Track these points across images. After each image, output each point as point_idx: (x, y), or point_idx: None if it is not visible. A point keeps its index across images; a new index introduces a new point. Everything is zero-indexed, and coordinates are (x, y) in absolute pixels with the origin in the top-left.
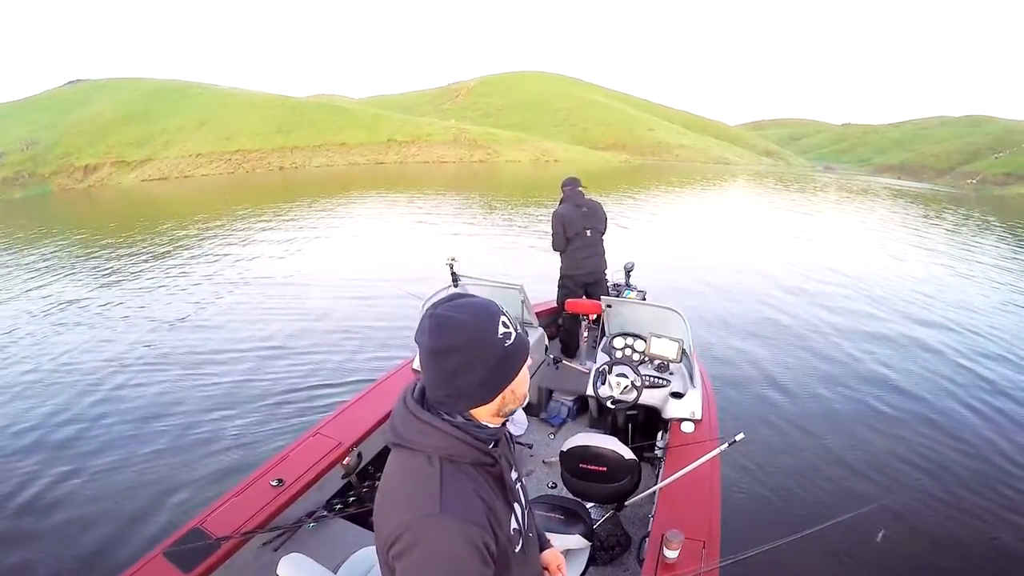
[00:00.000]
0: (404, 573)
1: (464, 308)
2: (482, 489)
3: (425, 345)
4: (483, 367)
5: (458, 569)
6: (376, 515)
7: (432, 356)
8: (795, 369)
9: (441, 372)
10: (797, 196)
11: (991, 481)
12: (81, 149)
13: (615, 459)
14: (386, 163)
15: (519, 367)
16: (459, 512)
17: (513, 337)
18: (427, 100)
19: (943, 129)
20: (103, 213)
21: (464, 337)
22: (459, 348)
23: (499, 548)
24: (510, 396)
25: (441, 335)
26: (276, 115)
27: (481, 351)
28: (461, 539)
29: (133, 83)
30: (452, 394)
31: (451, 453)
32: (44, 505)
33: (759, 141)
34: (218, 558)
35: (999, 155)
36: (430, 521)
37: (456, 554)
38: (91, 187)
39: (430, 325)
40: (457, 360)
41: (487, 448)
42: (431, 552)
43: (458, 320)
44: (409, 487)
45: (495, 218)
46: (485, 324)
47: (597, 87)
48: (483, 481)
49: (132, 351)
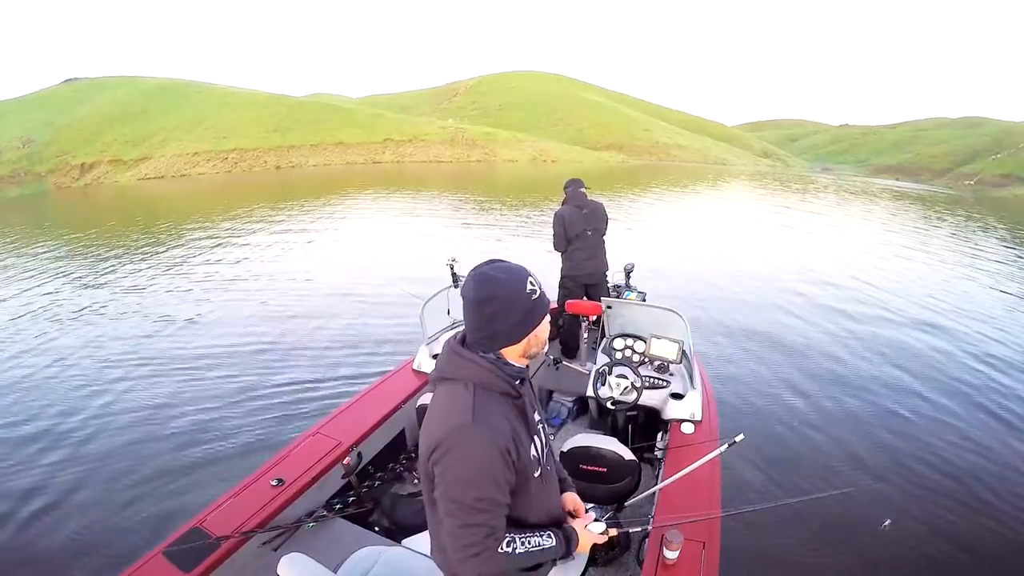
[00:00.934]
0: (442, 475)
1: (501, 268)
2: (508, 414)
3: (470, 296)
4: (514, 314)
5: (486, 468)
6: (420, 436)
7: (476, 304)
8: (796, 369)
9: (482, 317)
10: (797, 197)
11: (1001, 481)
12: (78, 147)
13: (615, 460)
14: (383, 162)
15: (542, 317)
16: (487, 423)
17: (538, 293)
18: (425, 99)
19: (941, 130)
20: (101, 212)
21: (501, 290)
22: (497, 298)
23: (520, 463)
24: (534, 340)
25: (483, 287)
26: (273, 114)
27: (514, 301)
28: (488, 443)
29: (130, 81)
30: (490, 335)
31: (484, 381)
32: (44, 505)
33: (756, 142)
34: (218, 558)
35: (997, 156)
36: (464, 429)
37: (484, 455)
38: (87, 185)
39: (475, 280)
40: (495, 307)
41: (513, 383)
42: (464, 454)
43: (497, 277)
44: (448, 406)
45: (492, 218)
46: (517, 281)
47: (595, 87)
48: (510, 410)
49: (131, 351)
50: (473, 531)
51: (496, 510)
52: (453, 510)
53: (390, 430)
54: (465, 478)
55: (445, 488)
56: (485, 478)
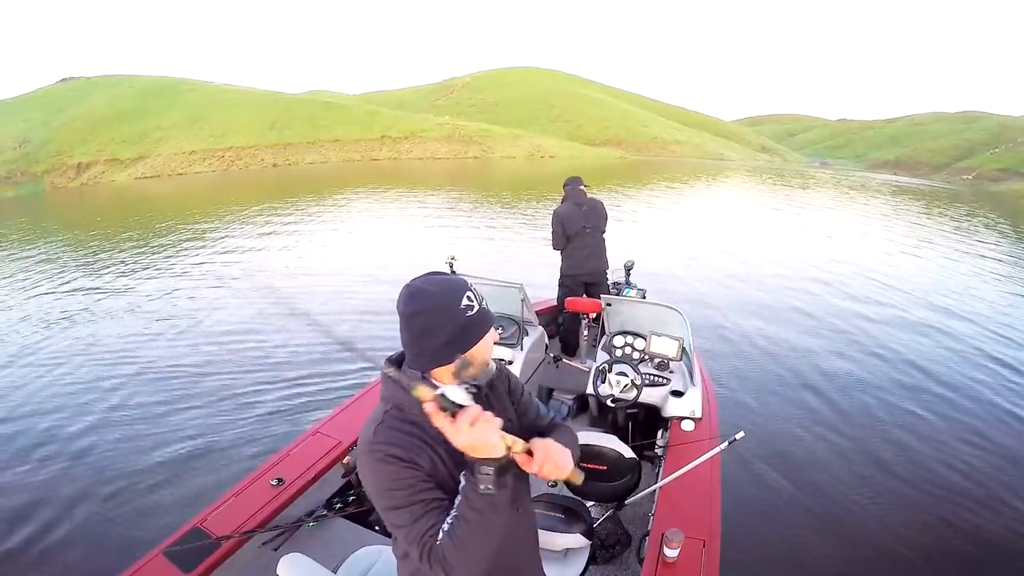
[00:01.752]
0: (367, 493)
1: (433, 282)
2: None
3: (400, 310)
4: (444, 331)
5: (390, 479)
6: None
7: (404, 319)
8: (797, 368)
9: (411, 333)
10: (798, 191)
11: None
12: (74, 147)
13: (615, 458)
14: (380, 159)
15: (479, 336)
16: (387, 438)
17: (476, 309)
18: (422, 96)
19: (938, 125)
20: (99, 212)
21: (431, 304)
22: (424, 312)
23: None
24: (472, 360)
25: (412, 301)
26: (270, 112)
27: (444, 317)
28: (384, 456)
29: (127, 80)
30: (419, 353)
31: (398, 402)
32: (44, 505)
33: (754, 137)
34: (218, 557)
35: (994, 151)
36: (364, 447)
37: (383, 468)
38: (84, 185)
39: (405, 293)
40: (423, 323)
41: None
42: (366, 470)
43: (427, 290)
44: (365, 425)
45: (490, 214)
46: (450, 295)
47: (592, 83)
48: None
49: (130, 351)
50: (411, 533)
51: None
52: (391, 520)
53: None
54: (378, 490)
55: (374, 503)
56: (395, 485)
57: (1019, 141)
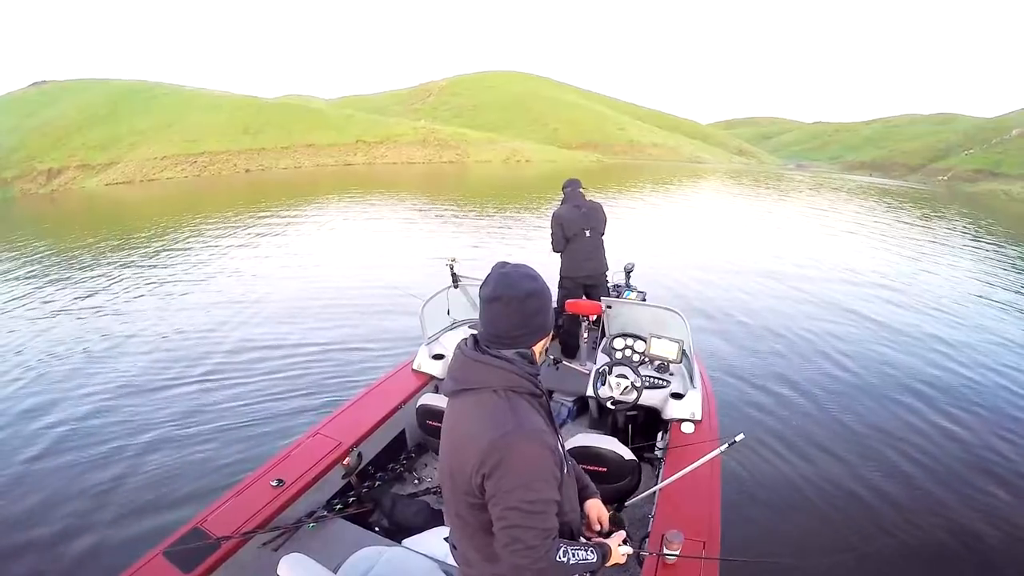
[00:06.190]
0: (498, 483)
1: (522, 266)
2: (539, 413)
3: (510, 294)
4: (548, 309)
5: (540, 470)
6: (450, 453)
7: (520, 301)
8: (796, 369)
9: (525, 312)
10: (774, 194)
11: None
12: (45, 152)
13: (615, 459)
14: (354, 164)
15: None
16: (531, 425)
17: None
18: (399, 100)
19: (913, 127)
20: (73, 219)
21: (538, 286)
22: (538, 292)
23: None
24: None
25: (524, 283)
26: (243, 116)
27: (547, 296)
28: (540, 444)
29: (99, 84)
30: (531, 330)
31: (512, 385)
32: (43, 505)
33: (731, 139)
34: (218, 558)
35: (968, 152)
36: (513, 435)
37: (537, 457)
38: (55, 191)
39: (512, 278)
40: (538, 302)
41: (536, 381)
42: (520, 458)
43: (530, 273)
44: (486, 416)
45: (475, 218)
46: (541, 278)
47: (568, 86)
48: (538, 409)
49: (128, 352)
50: (534, 534)
51: (552, 509)
52: (512, 516)
53: (390, 430)
54: (523, 483)
55: (502, 496)
56: (541, 480)
57: (992, 142)
